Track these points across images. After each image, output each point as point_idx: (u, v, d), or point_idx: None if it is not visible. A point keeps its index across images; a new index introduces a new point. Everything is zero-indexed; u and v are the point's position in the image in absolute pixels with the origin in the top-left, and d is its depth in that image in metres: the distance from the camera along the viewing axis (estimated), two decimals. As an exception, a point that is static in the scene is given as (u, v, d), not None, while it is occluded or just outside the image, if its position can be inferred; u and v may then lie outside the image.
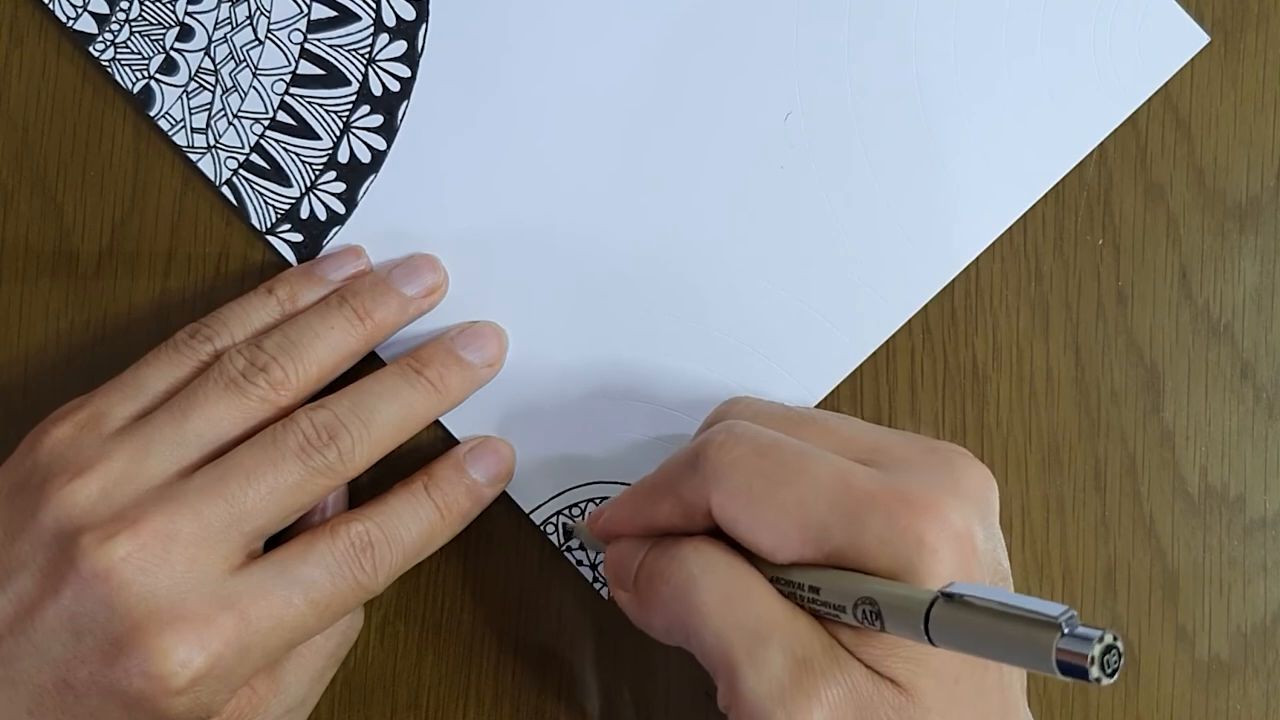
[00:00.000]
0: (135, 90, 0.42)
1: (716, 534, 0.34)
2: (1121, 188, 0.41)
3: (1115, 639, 0.25)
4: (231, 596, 0.35)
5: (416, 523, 0.38)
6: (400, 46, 0.41)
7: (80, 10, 0.42)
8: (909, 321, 0.41)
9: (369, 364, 0.41)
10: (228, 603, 0.35)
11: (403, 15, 0.41)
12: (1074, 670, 0.25)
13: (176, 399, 0.37)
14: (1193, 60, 0.41)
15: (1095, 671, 0.25)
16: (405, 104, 0.41)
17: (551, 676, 0.42)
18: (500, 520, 0.41)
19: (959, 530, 0.31)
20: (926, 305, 0.41)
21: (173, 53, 0.42)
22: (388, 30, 0.41)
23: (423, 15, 0.41)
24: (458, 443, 0.41)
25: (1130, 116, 0.41)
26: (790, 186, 0.41)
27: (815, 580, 0.32)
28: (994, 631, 0.27)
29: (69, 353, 0.42)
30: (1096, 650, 0.25)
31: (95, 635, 0.34)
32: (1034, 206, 0.41)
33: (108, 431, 0.37)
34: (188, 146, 0.42)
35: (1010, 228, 0.41)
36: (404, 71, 0.41)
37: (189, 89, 0.42)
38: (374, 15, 0.41)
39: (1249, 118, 0.41)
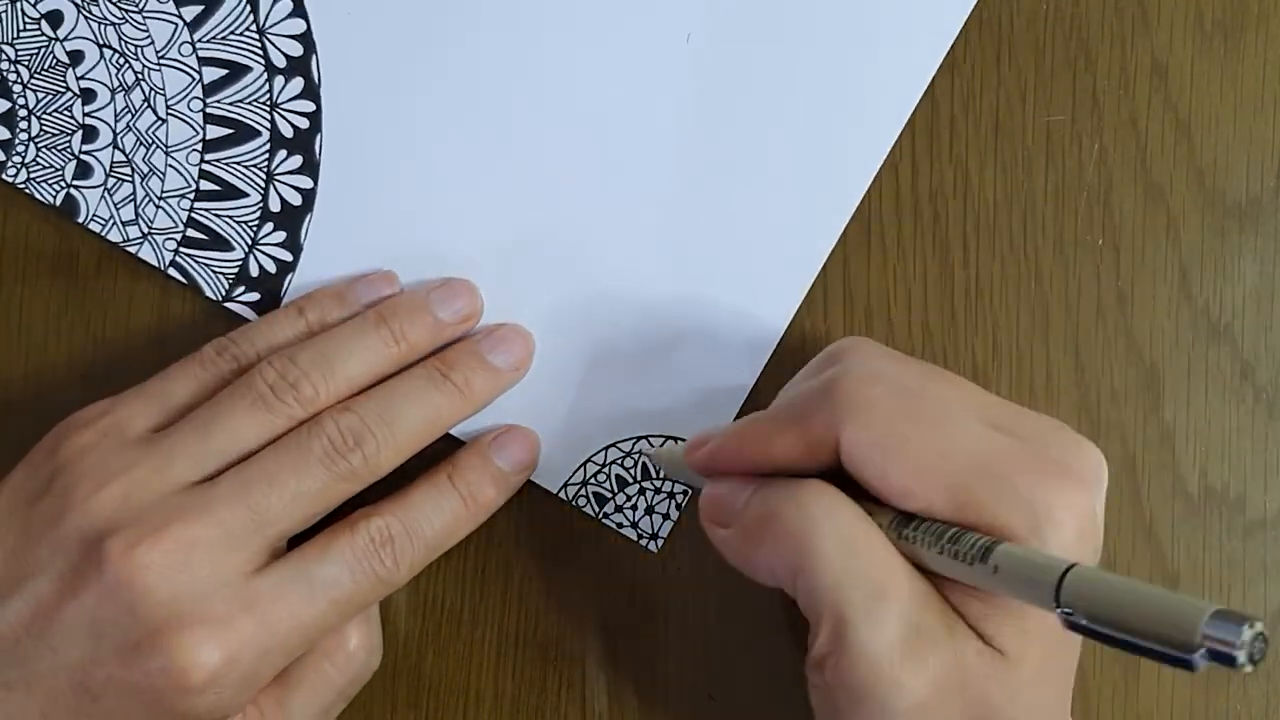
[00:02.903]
0: (58, 203, 0.42)
1: (829, 477, 0.33)
2: (1121, 188, 0.41)
3: (1261, 629, 0.25)
4: (252, 598, 0.35)
5: (440, 514, 0.38)
6: (298, 84, 0.41)
7: None
8: (909, 323, 0.41)
9: (369, 364, 0.41)
10: (248, 604, 0.35)
11: (290, 53, 0.41)
12: (1220, 654, 0.25)
13: (201, 410, 0.37)
14: (1193, 60, 0.41)
15: (1242, 656, 0.25)
16: (319, 137, 0.41)
17: (552, 676, 0.42)
18: (500, 518, 0.41)
19: (1084, 508, 0.32)
20: (926, 305, 0.41)
21: (83, 156, 0.42)
22: (281, 72, 0.41)
23: (310, 48, 0.41)
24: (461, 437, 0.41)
25: (1130, 117, 0.41)
26: (709, 106, 0.41)
27: (939, 535, 0.31)
28: (1133, 603, 0.26)
29: (69, 353, 0.42)
30: (1247, 634, 0.25)
31: (115, 639, 0.34)
32: (1034, 206, 0.41)
33: (131, 439, 0.37)
34: (123, 241, 0.42)
35: (1011, 228, 0.41)
36: (308, 106, 0.41)
37: (109, 185, 0.42)
38: (263, 61, 0.41)
39: (1249, 118, 0.41)
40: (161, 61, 0.42)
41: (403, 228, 0.41)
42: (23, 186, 0.42)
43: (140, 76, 0.42)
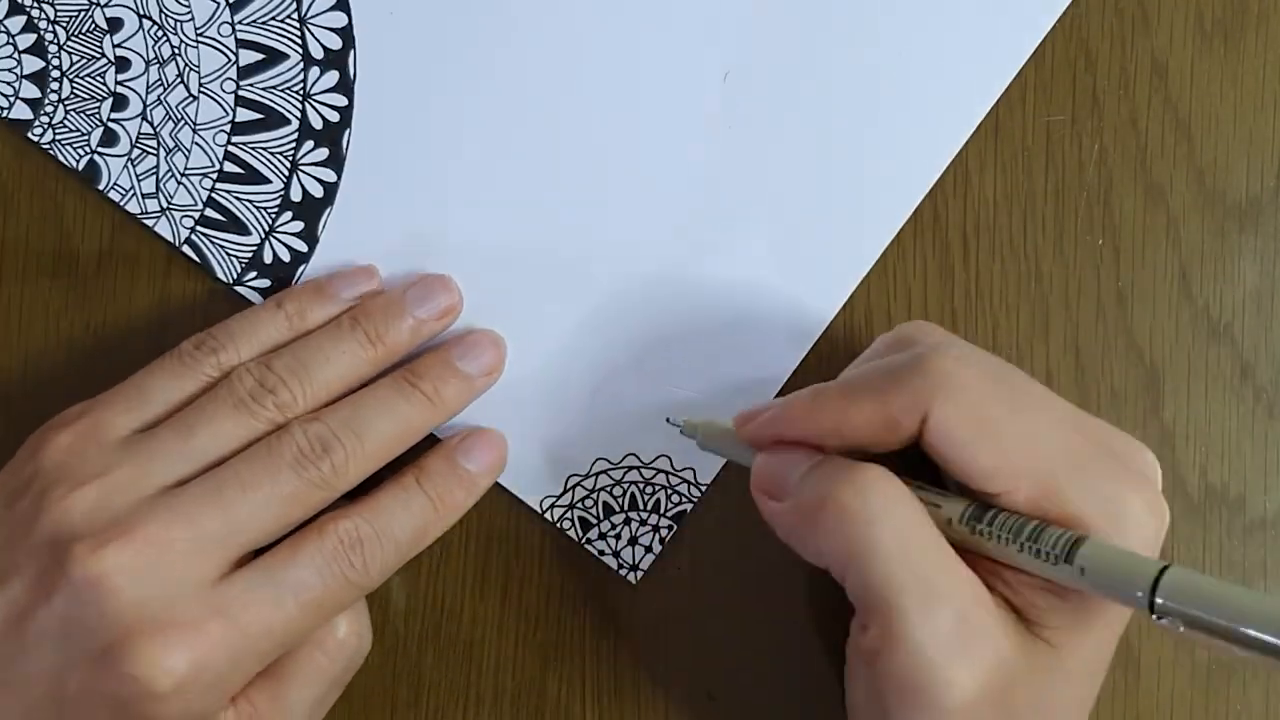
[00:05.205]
0: (80, 167, 0.42)
1: (884, 461, 0.33)
2: (1121, 188, 0.41)
3: None
4: (221, 603, 0.35)
5: (409, 517, 0.38)
6: (333, 77, 0.41)
7: (12, 99, 0.42)
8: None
9: (369, 364, 0.40)
10: (218, 609, 0.35)
11: (329, 45, 0.41)
12: None
13: (183, 414, 0.37)
14: (1193, 60, 0.41)
15: None
16: (348, 132, 0.41)
17: (552, 676, 0.42)
18: (500, 518, 0.41)
19: (1160, 506, 0.33)
20: (926, 305, 0.41)
21: (110, 124, 0.42)
22: (317, 63, 0.41)
23: (349, 43, 0.41)
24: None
25: (1130, 117, 0.41)
26: (741, 143, 0.41)
27: (1019, 531, 0.32)
28: (1237, 604, 0.27)
29: (69, 353, 0.42)
30: None
31: (86, 642, 0.34)
32: (1034, 206, 0.41)
33: (110, 441, 0.37)
34: (141, 213, 0.42)
35: (1011, 228, 0.41)
36: (341, 101, 0.41)
37: (133, 156, 0.42)
38: (301, 50, 0.41)
39: (1249, 118, 0.41)
40: (199, 39, 0.42)
41: (421, 231, 0.41)
42: (47, 147, 0.42)
43: (177, 51, 0.42)
